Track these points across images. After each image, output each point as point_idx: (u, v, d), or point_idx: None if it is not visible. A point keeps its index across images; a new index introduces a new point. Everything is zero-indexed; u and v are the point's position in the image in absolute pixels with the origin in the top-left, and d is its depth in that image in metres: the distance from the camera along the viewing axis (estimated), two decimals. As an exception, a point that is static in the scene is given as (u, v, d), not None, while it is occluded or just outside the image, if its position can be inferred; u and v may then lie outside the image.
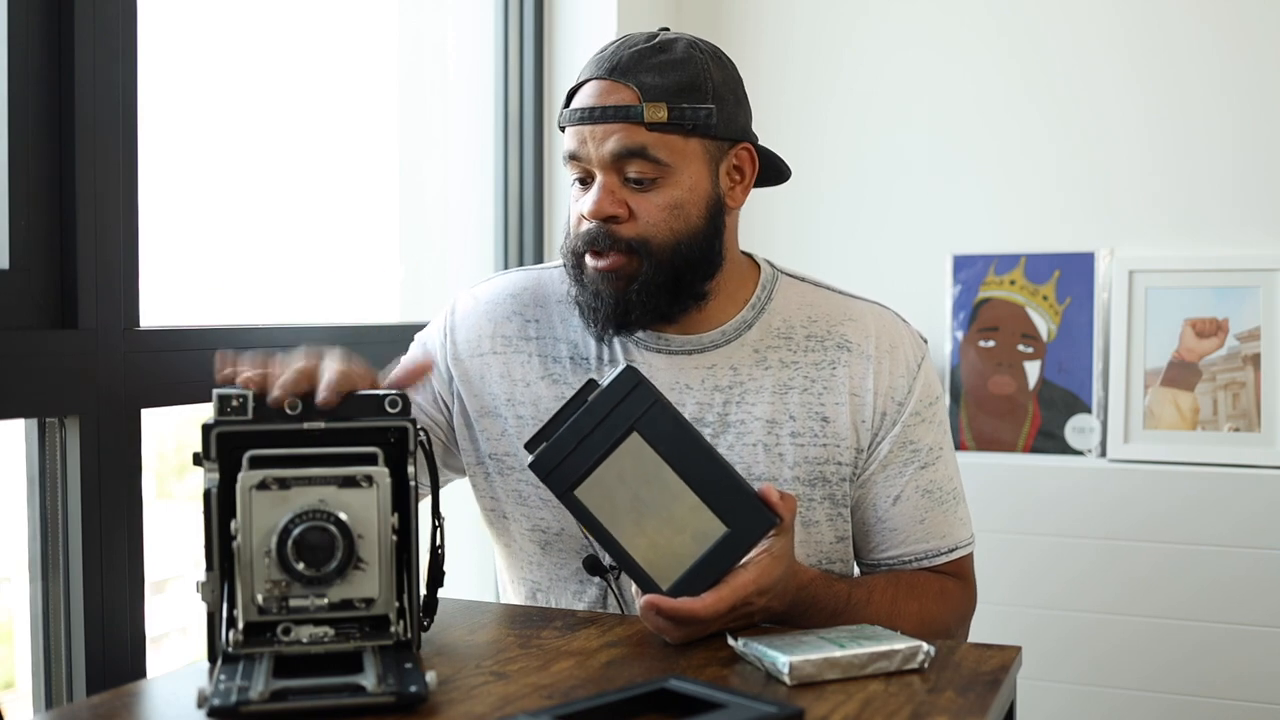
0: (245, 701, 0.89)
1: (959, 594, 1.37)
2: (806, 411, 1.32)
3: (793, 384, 1.33)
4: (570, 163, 1.30)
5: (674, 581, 1.11)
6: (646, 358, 1.34)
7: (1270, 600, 2.04)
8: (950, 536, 1.36)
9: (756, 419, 1.32)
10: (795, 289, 1.39)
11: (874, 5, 2.45)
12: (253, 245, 1.79)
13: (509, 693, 0.99)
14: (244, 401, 1.02)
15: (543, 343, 1.38)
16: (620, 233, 1.27)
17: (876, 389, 1.33)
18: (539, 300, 1.40)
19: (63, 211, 1.28)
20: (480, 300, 1.42)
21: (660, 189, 1.27)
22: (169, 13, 1.57)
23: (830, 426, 1.32)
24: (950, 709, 0.96)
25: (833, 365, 1.34)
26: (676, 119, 1.26)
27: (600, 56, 1.30)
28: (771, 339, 1.35)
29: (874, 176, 2.46)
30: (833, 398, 1.33)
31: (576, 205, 1.31)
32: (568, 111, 1.30)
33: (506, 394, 1.37)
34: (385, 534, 1.00)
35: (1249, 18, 2.20)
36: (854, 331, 1.35)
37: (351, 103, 2.00)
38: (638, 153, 1.26)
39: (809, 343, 1.35)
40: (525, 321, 1.39)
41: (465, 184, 2.28)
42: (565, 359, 1.36)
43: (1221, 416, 2.17)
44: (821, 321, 1.36)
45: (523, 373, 1.37)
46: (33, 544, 1.29)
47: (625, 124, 1.25)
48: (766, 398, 1.32)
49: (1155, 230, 2.27)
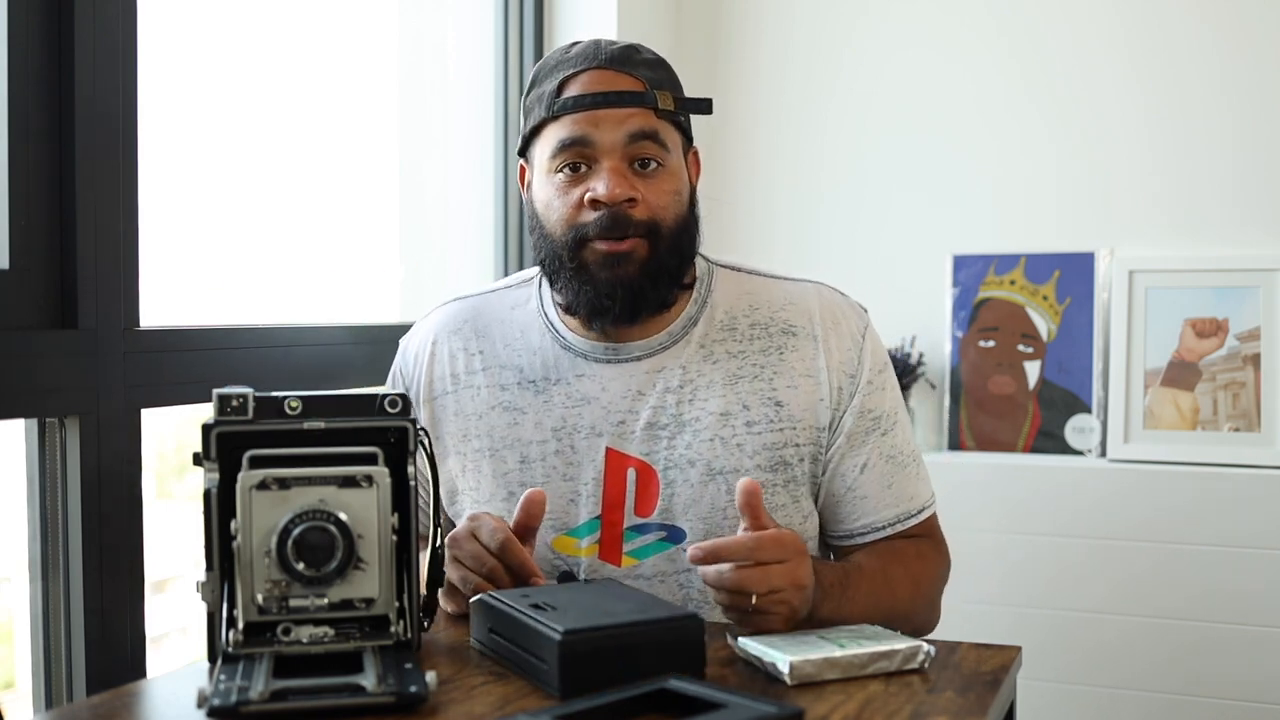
0: (245, 701, 0.89)
1: (934, 554, 1.40)
2: (759, 399, 1.33)
3: (742, 373, 1.34)
4: (566, 152, 1.28)
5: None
6: (596, 370, 1.35)
7: (1270, 600, 2.04)
8: (917, 498, 1.38)
9: (710, 413, 1.32)
10: (732, 279, 1.40)
11: (874, 5, 2.45)
12: (253, 245, 1.79)
13: (509, 693, 0.99)
14: (244, 401, 1.02)
15: (489, 373, 1.39)
16: (636, 215, 1.27)
17: (829, 365, 1.34)
18: (479, 330, 1.41)
19: (63, 211, 1.28)
20: (426, 342, 1.43)
21: (663, 175, 1.30)
22: (169, 13, 1.56)
23: (785, 410, 1.33)
24: (950, 709, 0.96)
25: (780, 350, 1.35)
26: (679, 109, 1.31)
27: (580, 53, 1.31)
28: (716, 332, 1.36)
29: (874, 176, 2.46)
30: (784, 381, 1.34)
31: (569, 195, 1.29)
32: (567, 100, 1.28)
33: (461, 430, 1.38)
34: (385, 534, 1.00)
35: (1249, 18, 2.20)
36: (795, 314, 1.37)
37: (351, 103, 2.00)
38: (651, 136, 1.28)
39: (753, 331, 1.36)
40: (470, 355, 1.40)
41: (465, 184, 2.28)
42: (513, 385, 1.37)
43: (1221, 416, 2.17)
44: (763, 309, 1.37)
45: (474, 405, 1.38)
46: (33, 544, 1.29)
47: (640, 108, 1.28)
48: (718, 391, 1.33)
49: (1155, 230, 2.27)
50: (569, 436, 1.33)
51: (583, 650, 0.97)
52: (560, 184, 1.30)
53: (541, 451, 1.34)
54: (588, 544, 1.32)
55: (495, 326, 1.41)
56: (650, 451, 1.32)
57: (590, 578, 1.31)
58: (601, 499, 1.32)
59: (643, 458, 1.32)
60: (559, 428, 1.34)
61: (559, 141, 1.29)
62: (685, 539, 1.30)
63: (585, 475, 1.33)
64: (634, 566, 1.31)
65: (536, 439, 1.34)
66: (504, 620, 1.06)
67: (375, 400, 1.05)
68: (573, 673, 0.96)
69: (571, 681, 0.96)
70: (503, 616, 1.06)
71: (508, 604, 1.06)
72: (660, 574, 1.31)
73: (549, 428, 1.34)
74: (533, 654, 1.00)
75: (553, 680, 0.97)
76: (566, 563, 1.32)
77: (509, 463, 1.35)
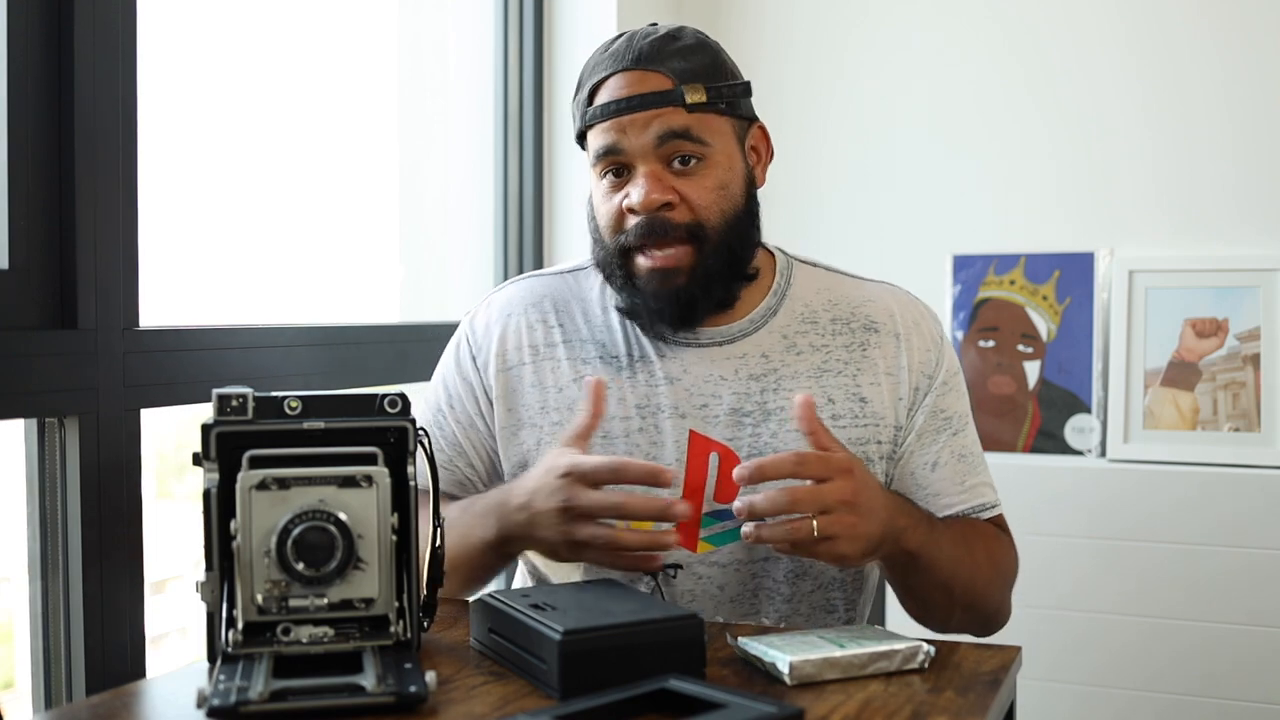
0: (245, 701, 0.89)
1: (1010, 545, 1.38)
2: (845, 394, 1.33)
3: (827, 367, 1.34)
4: (603, 160, 1.28)
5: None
6: (677, 353, 1.34)
7: (1270, 600, 2.04)
8: (988, 497, 1.37)
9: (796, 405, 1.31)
10: (810, 274, 1.40)
11: (874, 5, 2.45)
12: (253, 246, 1.79)
13: (509, 693, 0.99)
14: (244, 401, 1.02)
15: (570, 346, 1.36)
16: (676, 219, 1.26)
17: (909, 365, 1.35)
18: (558, 305, 1.39)
19: (62, 211, 1.28)
20: (499, 314, 1.40)
21: (705, 171, 1.28)
22: (169, 13, 1.56)
23: (869, 407, 1.33)
24: (950, 709, 0.96)
25: (863, 346, 1.35)
26: (714, 98, 1.28)
27: (613, 52, 1.29)
28: (798, 324, 1.36)
29: (874, 176, 2.46)
30: (868, 378, 1.34)
31: (611, 202, 1.29)
32: (595, 109, 1.28)
33: (540, 402, 1.35)
34: (385, 534, 1.00)
35: (1249, 18, 2.20)
36: (877, 311, 1.37)
37: (351, 103, 2.00)
38: (682, 134, 1.26)
39: (835, 325, 1.36)
40: (549, 328, 1.38)
41: (465, 184, 2.28)
42: (595, 359, 1.35)
43: (1221, 416, 2.17)
44: (843, 304, 1.37)
45: (554, 379, 1.36)
46: (33, 544, 1.29)
47: (667, 108, 1.25)
48: (804, 382, 1.33)
49: (1155, 230, 2.27)
50: (653, 415, 1.32)
51: (583, 650, 0.97)
52: (605, 190, 1.30)
53: (625, 428, 1.32)
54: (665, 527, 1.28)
55: (575, 303, 1.39)
56: (734, 438, 1.31)
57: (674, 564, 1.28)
58: (683, 481, 1.29)
59: (727, 443, 1.30)
60: (643, 405, 1.32)
61: (596, 151, 1.29)
62: None
63: (668, 456, 1.30)
64: (710, 553, 1.29)
65: (620, 415, 1.32)
66: (504, 620, 1.06)
67: (375, 400, 1.05)
68: (572, 673, 0.96)
69: (571, 681, 0.96)
70: (503, 616, 1.06)
71: (508, 604, 1.06)
72: (736, 562, 1.30)
73: (633, 404, 1.32)
74: (532, 654, 1.00)
75: (552, 680, 0.97)
76: None
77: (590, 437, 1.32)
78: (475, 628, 1.12)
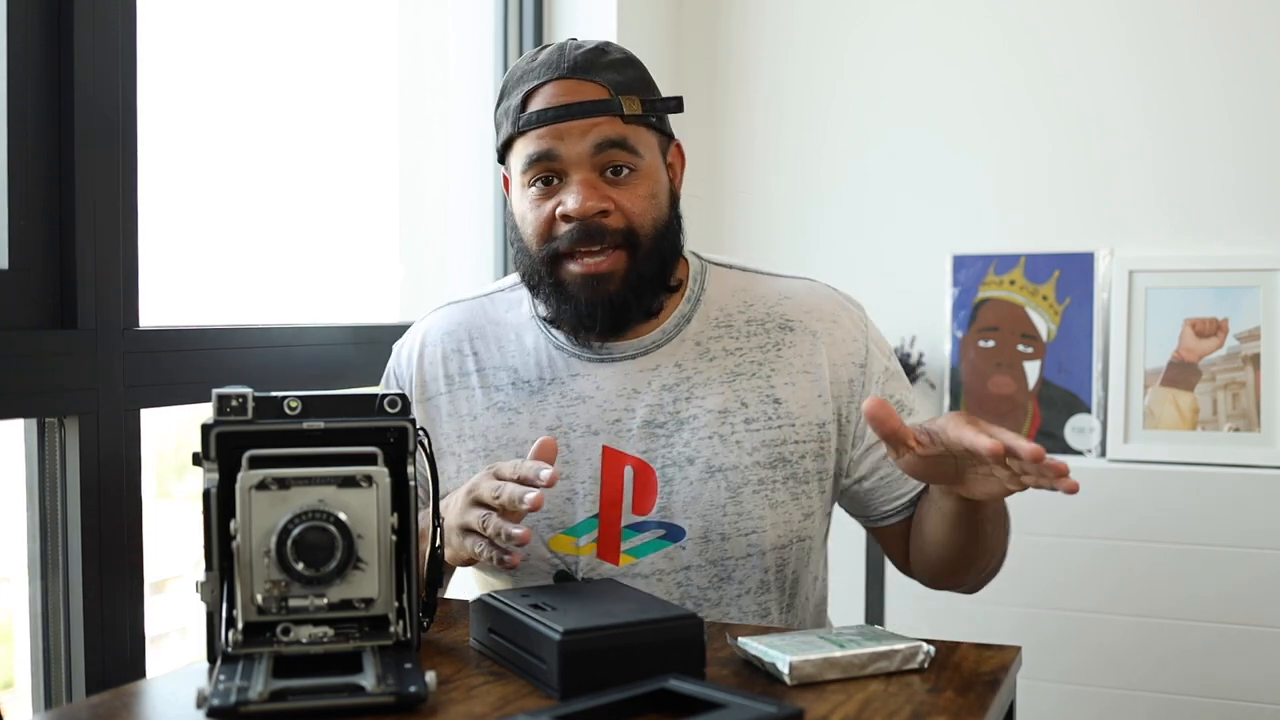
0: (245, 701, 0.89)
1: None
2: (758, 396, 1.33)
3: (740, 370, 1.34)
4: (535, 167, 1.29)
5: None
6: (590, 370, 1.35)
7: (1270, 601, 2.04)
8: None
9: (709, 411, 1.32)
10: (725, 276, 1.41)
11: (874, 6, 2.45)
12: (253, 245, 1.79)
13: (509, 693, 0.99)
14: (243, 401, 1.02)
15: (483, 375, 1.39)
16: (611, 225, 1.28)
17: (831, 360, 1.35)
18: (473, 333, 1.42)
19: (62, 211, 1.28)
20: (419, 344, 1.43)
21: (637, 181, 1.29)
22: (168, 12, 1.56)
23: (783, 407, 1.33)
24: (950, 709, 0.96)
25: (778, 346, 1.35)
26: (648, 111, 1.30)
27: (544, 61, 1.30)
28: (712, 329, 1.36)
29: (874, 176, 2.46)
30: (782, 378, 1.34)
31: (541, 209, 1.29)
32: (531, 114, 1.28)
33: (456, 431, 1.39)
34: (385, 534, 1.00)
35: (1249, 18, 2.20)
36: (792, 310, 1.37)
37: (351, 103, 2.00)
38: (619, 144, 1.27)
39: (749, 327, 1.36)
40: (463, 356, 1.41)
41: (465, 184, 2.28)
42: (507, 385, 1.37)
43: (1221, 416, 2.17)
44: (758, 305, 1.38)
45: (469, 407, 1.38)
46: (33, 544, 1.29)
47: (604, 117, 1.27)
48: (716, 388, 1.33)
49: (1155, 230, 2.27)
50: (564, 435, 1.33)
51: (582, 650, 0.97)
52: (533, 198, 1.30)
53: None
54: (585, 542, 1.32)
55: (489, 329, 1.41)
56: (648, 450, 1.32)
57: (588, 576, 1.31)
58: (599, 497, 1.31)
59: (640, 456, 1.32)
60: (554, 427, 1.34)
61: (527, 157, 1.29)
62: (684, 537, 1.30)
63: (581, 474, 1.33)
64: (632, 565, 1.31)
65: (532, 438, 1.34)
66: (504, 620, 1.06)
67: (375, 400, 1.05)
68: (572, 673, 0.96)
69: (571, 681, 0.96)
70: (502, 616, 1.06)
71: (507, 604, 1.06)
72: (658, 572, 1.31)
73: (544, 427, 1.34)
74: (532, 654, 1.00)
75: (552, 680, 0.97)
76: (564, 561, 1.32)
77: None
78: (475, 628, 1.12)
